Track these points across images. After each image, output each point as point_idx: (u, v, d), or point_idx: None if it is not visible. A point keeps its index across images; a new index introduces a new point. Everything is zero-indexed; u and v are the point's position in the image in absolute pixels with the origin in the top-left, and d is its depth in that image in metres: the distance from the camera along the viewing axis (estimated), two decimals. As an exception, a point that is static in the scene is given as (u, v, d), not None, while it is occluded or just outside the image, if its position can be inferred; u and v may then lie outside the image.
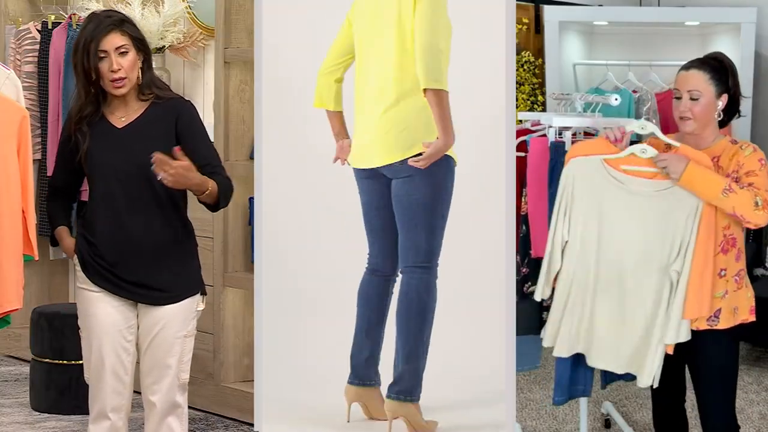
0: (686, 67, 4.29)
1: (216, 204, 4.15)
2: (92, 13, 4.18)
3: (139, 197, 4.11)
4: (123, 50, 4.09)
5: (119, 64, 4.08)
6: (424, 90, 4.47)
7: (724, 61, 4.31)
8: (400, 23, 4.56)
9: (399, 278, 4.75)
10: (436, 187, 4.56)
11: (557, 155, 4.76)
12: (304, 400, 5.13)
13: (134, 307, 4.19)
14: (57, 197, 4.29)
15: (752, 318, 4.28)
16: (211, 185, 4.08)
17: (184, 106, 4.22)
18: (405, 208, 4.60)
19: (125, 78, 4.09)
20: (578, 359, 4.56)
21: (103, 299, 4.15)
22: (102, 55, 4.08)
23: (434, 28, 4.48)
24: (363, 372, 4.83)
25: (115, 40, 4.08)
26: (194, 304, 4.22)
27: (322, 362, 5.15)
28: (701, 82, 4.23)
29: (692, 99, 4.22)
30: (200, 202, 4.13)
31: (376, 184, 4.71)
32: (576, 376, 4.63)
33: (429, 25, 4.50)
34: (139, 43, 4.14)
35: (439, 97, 4.45)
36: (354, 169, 4.79)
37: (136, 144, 4.12)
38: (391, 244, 4.71)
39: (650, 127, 4.27)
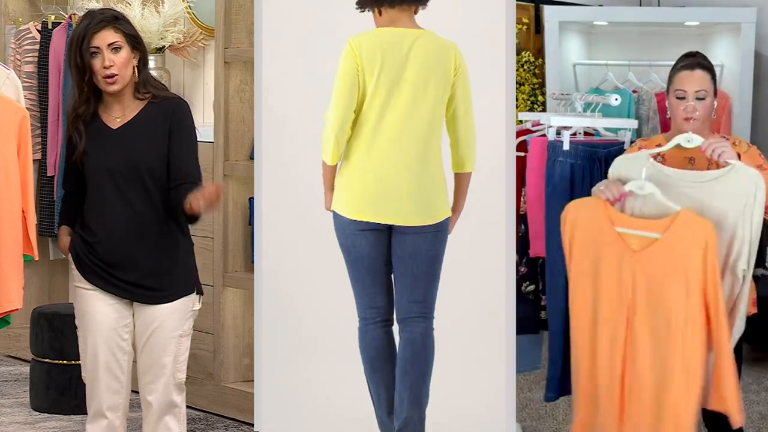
0: (688, 66, 4.27)
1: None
2: (88, 10, 4.19)
3: (134, 197, 4.11)
4: (115, 47, 4.09)
5: (111, 60, 4.07)
6: (465, 172, 4.43)
7: (709, 60, 4.33)
8: (437, 89, 4.35)
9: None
10: (444, 243, 4.49)
11: (555, 154, 4.77)
12: (304, 400, 5.13)
13: (130, 305, 4.19)
14: (69, 197, 4.29)
15: (754, 310, 4.29)
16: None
17: (180, 106, 4.21)
18: (420, 262, 4.43)
19: (117, 75, 4.09)
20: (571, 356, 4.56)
21: (98, 297, 4.15)
22: (94, 51, 4.08)
23: (471, 108, 4.42)
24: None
25: (107, 36, 4.08)
26: (190, 303, 4.21)
27: (322, 361, 5.15)
28: (706, 82, 4.24)
29: (698, 99, 4.22)
30: (185, 215, 4.13)
31: (382, 236, 4.44)
32: (569, 373, 4.63)
33: (469, 105, 4.39)
34: (134, 40, 4.13)
35: (470, 177, 4.45)
36: (353, 221, 4.41)
37: (131, 144, 4.12)
38: (391, 291, 4.55)
39: (649, 188, 4.04)
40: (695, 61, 4.28)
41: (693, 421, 3.96)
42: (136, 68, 4.14)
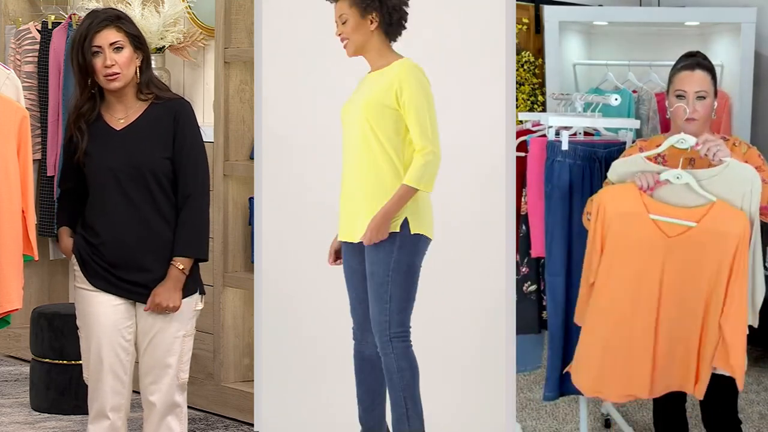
0: (689, 67, 4.26)
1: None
2: (92, 10, 4.19)
3: (137, 198, 4.11)
4: (117, 46, 4.09)
5: (113, 59, 4.07)
6: None
7: (710, 60, 4.33)
8: None
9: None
10: None
11: (554, 155, 4.77)
12: (304, 400, 5.13)
13: (133, 306, 4.18)
14: (66, 197, 4.29)
15: None
16: (189, 258, 4.16)
17: (183, 107, 4.21)
18: None
19: (119, 73, 4.09)
20: (570, 355, 4.55)
21: (101, 298, 4.15)
22: (96, 50, 4.08)
23: None
24: None
25: (109, 35, 4.08)
26: (193, 303, 4.22)
27: (322, 361, 5.15)
28: (706, 82, 4.23)
29: (699, 99, 4.22)
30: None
31: None
32: (568, 372, 4.63)
33: None
34: (136, 40, 4.13)
35: None
36: (428, 239, 4.45)
37: (134, 146, 4.11)
38: None
39: (685, 177, 4.12)
40: (695, 61, 4.28)
41: (709, 374, 4.17)
42: (138, 68, 4.14)
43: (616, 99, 5.01)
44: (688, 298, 4.10)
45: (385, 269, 4.31)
